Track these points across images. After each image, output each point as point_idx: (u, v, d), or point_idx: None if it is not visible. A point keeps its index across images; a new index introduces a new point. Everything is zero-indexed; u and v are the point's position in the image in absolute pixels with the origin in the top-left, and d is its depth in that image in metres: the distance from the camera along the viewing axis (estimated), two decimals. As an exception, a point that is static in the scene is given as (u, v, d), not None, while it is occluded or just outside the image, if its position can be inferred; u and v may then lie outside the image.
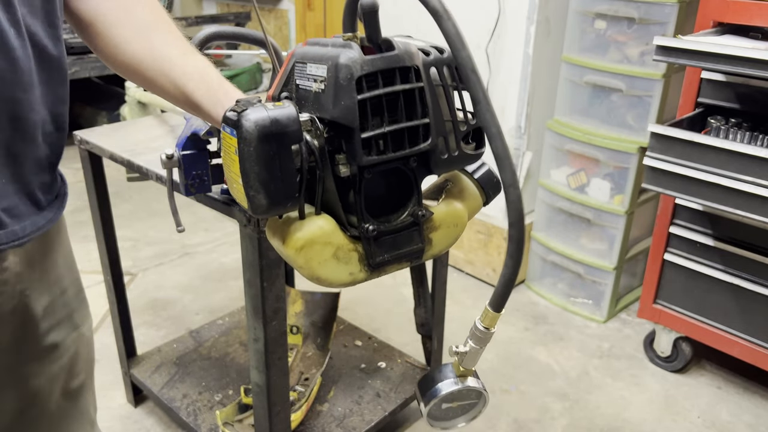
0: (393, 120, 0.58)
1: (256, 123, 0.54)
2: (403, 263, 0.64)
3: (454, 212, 0.66)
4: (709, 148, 1.64)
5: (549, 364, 2.11)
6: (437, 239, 0.65)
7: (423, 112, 0.58)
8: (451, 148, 0.62)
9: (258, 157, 0.54)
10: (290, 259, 0.60)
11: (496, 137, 0.55)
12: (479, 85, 0.55)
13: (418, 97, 0.58)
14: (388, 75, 0.57)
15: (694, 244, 1.92)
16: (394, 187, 0.62)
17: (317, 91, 0.58)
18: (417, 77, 0.58)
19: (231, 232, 2.93)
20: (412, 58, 0.58)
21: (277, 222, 0.62)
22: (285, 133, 0.55)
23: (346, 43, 0.57)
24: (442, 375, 0.65)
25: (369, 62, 0.56)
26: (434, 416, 0.66)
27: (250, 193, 0.55)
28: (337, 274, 0.61)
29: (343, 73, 0.55)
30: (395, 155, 0.58)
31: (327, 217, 0.61)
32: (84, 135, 1.51)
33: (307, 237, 0.59)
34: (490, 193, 0.70)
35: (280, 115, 0.55)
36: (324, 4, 3.62)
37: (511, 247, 0.57)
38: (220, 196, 1.15)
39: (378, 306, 2.37)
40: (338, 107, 0.55)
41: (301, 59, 0.61)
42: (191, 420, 1.61)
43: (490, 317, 0.61)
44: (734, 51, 1.54)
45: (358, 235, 0.61)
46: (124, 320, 1.76)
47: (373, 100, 0.56)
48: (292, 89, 0.62)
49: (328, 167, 0.58)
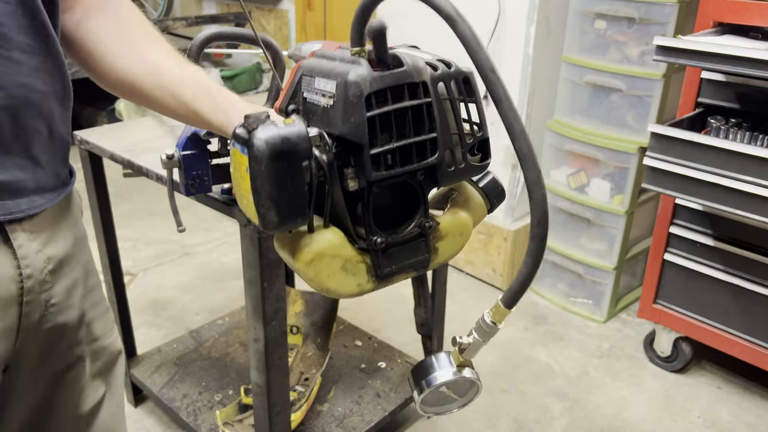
0: (401, 135, 0.58)
1: (267, 141, 0.54)
2: (410, 273, 0.64)
3: (460, 222, 0.67)
4: (709, 148, 1.64)
5: (549, 364, 2.11)
6: (443, 248, 0.66)
7: (431, 127, 0.59)
8: (458, 160, 0.62)
9: (269, 176, 0.54)
10: (300, 271, 0.61)
11: (519, 136, 0.54)
12: (500, 84, 0.54)
13: (426, 112, 0.58)
14: (396, 91, 0.57)
15: (694, 244, 1.92)
16: (401, 199, 0.63)
17: (326, 106, 0.58)
18: (425, 92, 0.58)
19: (231, 232, 2.93)
20: (420, 73, 0.58)
21: (287, 235, 0.62)
22: (296, 151, 0.55)
23: (354, 59, 0.57)
24: (441, 364, 0.65)
25: (378, 79, 0.56)
26: (427, 402, 0.67)
27: (261, 210, 0.56)
28: (346, 286, 0.62)
29: (353, 91, 0.55)
30: (403, 170, 0.58)
31: (335, 230, 0.61)
32: (84, 135, 1.51)
33: (316, 251, 0.60)
34: (495, 201, 0.70)
35: (291, 134, 0.55)
36: (324, 4, 3.61)
37: (533, 246, 0.57)
38: (220, 196, 1.15)
39: (378, 306, 2.37)
40: (347, 124, 0.56)
41: (308, 72, 0.61)
42: (191, 420, 1.61)
43: (500, 313, 0.61)
44: (734, 51, 1.54)
45: (366, 247, 0.61)
46: (124, 320, 1.76)
47: (382, 116, 0.56)
48: (299, 102, 0.62)
49: (336, 181, 0.59)
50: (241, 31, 1.13)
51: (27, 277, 0.69)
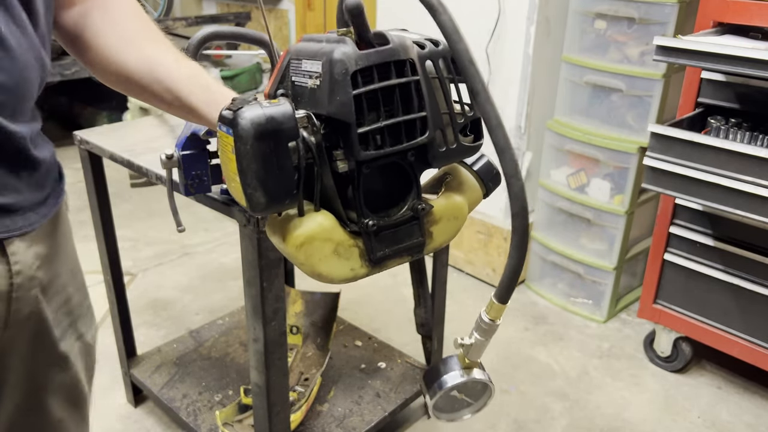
0: (389, 114, 0.57)
1: (251, 121, 0.53)
2: (404, 257, 0.63)
3: (454, 205, 0.66)
4: (709, 148, 1.64)
5: (549, 364, 2.11)
6: (438, 232, 0.65)
7: (419, 106, 0.58)
8: (449, 140, 0.61)
9: (255, 155, 0.54)
10: (291, 256, 0.60)
11: (496, 128, 0.54)
12: (478, 76, 0.54)
13: (414, 90, 0.58)
14: (383, 69, 0.56)
15: (694, 244, 1.92)
16: (392, 181, 0.62)
17: (312, 87, 0.58)
18: (413, 70, 0.58)
19: (231, 232, 2.93)
20: (407, 51, 0.57)
21: (277, 219, 0.62)
22: (281, 130, 0.54)
23: (340, 39, 0.57)
24: (448, 367, 0.65)
25: (363, 57, 0.55)
26: (440, 408, 0.66)
27: (248, 191, 0.55)
28: (338, 270, 0.61)
29: (338, 69, 0.55)
30: (393, 149, 0.58)
31: (326, 213, 0.60)
32: (84, 135, 1.51)
33: (306, 234, 0.59)
34: (490, 185, 0.70)
35: (276, 113, 0.54)
36: (324, 4, 3.61)
37: (515, 238, 0.57)
38: (219, 196, 1.15)
39: (378, 306, 2.37)
40: (334, 103, 0.55)
41: (296, 56, 0.61)
42: (191, 420, 1.61)
43: (496, 309, 0.60)
44: (734, 51, 1.54)
45: (358, 231, 0.61)
46: (124, 320, 1.76)
47: (369, 95, 0.56)
48: (287, 86, 0.62)
49: (325, 163, 0.58)
50: (238, 30, 1.13)
51: (16, 273, 0.70)
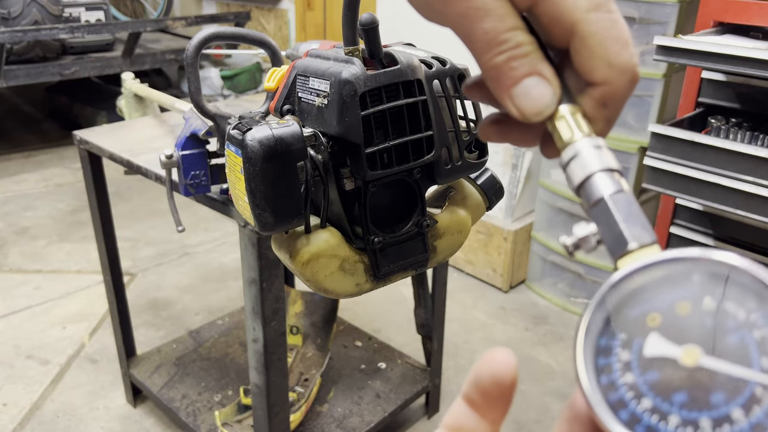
0: (397, 133, 0.58)
1: (261, 143, 0.54)
2: (408, 272, 0.65)
3: (458, 220, 0.67)
4: (710, 148, 1.63)
5: (549, 364, 2.11)
6: (441, 247, 0.66)
7: (426, 125, 0.59)
8: (454, 157, 0.62)
9: (264, 177, 0.55)
10: (297, 272, 0.61)
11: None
12: None
13: (421, 110, 0.58)
14: (391, 89, 0.57)
15: (694, 244, 1.92)
16: (398, 197, 0.63)
17: (320, 105, 0.58)
18: (420, 90, 0.58)
19: (231, 232, 2.93)
20: (414, 71, 0.58)
21: (283, 236, 0.62)
22: (290, 151, 0.55)
23: (348, 59, 0.58)
24: None
25: (372, 78, 0.56)
26: None
27: (257, 211, 0.56)
28: (344, 286, 0.62)
29: (347, 90, 0.55)
30: (400, 168, 0.59)
31: (332, 230, 0.61)
32: (84, 135, 1.51)
33: (313, 251, 0.60)
34: (493, 198, 0.71)
35: (285, 134, 0.55)
36: (324, 4, 3.61)
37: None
38: (219, 196, 1.15)
39: (378, 306, 2.37)
40: (342, 124, 0.56)
41: (303, 72, 0.62)
42: (191, 420, 1.61)
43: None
44: (734, 51, 1.53)
45: (364, 247, 0.61)
46: (123, 320, 1.76)
47: (377, 115, 0.57)
48: (294, 102, 0.63)
49: (332, 181, 0.59)
50: (239, 30, 1.12)
51: None
